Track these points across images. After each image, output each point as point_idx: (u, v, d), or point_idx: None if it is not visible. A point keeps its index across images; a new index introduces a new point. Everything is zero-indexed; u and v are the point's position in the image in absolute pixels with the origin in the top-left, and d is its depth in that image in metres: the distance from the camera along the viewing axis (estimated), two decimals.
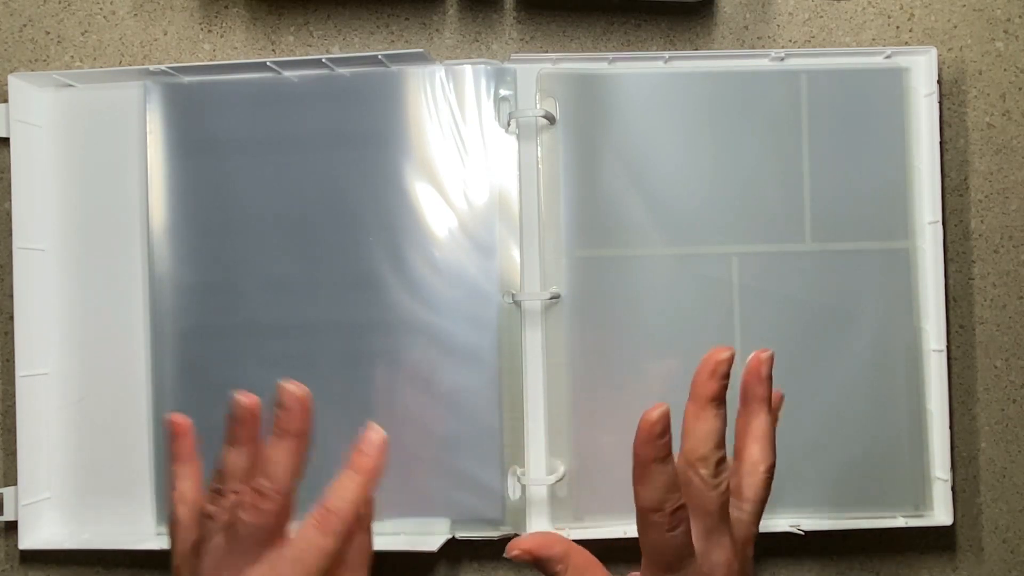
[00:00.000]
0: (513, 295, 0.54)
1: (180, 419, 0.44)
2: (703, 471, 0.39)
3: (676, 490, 0.38)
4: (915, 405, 0.55)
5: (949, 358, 0.57)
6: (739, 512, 0.41)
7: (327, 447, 0.54)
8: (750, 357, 0.42)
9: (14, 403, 0.55)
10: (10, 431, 0.57)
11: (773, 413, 0.43)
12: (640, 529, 0.39)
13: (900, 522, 0.54)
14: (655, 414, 0.38)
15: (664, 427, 0.38)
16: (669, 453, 0.38)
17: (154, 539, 0.55)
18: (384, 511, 0.55)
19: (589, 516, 0.55)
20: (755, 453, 0.41)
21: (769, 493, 0.42)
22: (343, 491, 0.41)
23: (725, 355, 0.40)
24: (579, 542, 0.42)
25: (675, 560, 0.38)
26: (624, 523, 0.54)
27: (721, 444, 0.40)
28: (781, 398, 0.46)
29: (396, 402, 0.54)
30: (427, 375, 0.54)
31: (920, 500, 0.55)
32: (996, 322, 0.58)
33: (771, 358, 0.42)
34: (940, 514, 0.55)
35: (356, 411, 0.54)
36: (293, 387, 0.40)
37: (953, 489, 0.55)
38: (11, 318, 0.55)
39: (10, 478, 0.57)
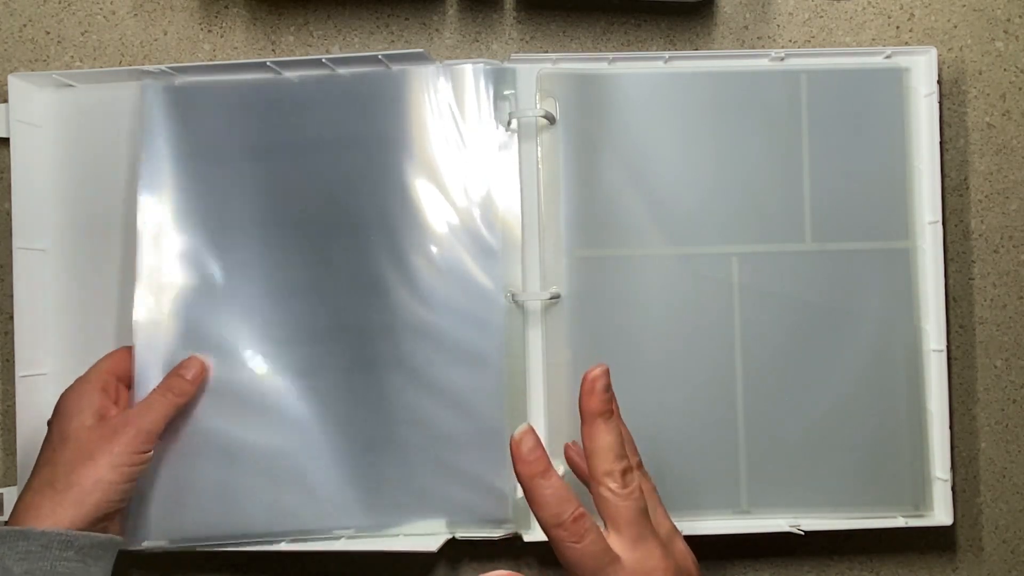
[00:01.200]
0: (514, 295, 0.54)
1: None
2: (612, 484, 0.41)
3: (570, 501, 0.40)
4: (915, 405, 0.55)
5: (949, 358, 0.57)
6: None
7: (330, 447, 0.55)
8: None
9: (14, 403, 0.55)
10: (10, 431, 0.57)
11: (616, 418, 0.42)
12: (554, 549, 0.41)
13: (900, 522, 0.54)
14: (517, 435, 0.40)
15: (532, 443, 0.40)
16: (548, 467, 0.40)
17: None
18: (384, 511, 0.55)
19: None
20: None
21: (651, 484, 0.45)
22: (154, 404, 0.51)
23: (598, 371, 0.41)
24: None
25: (596, 569, 0.40)
26: None
27: (622, 455, 0.41)
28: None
29: (400, 403, 0.54)
30: (431, 376, 0.54)
31: (920, 500, 0.55)
32: (996, 322, 0.58)
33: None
34: (940, 514, 0.55)
35: (361, 412, 0.54)
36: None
37: (953, 489, 0.55)
38: (11, 318, 0.55)
39: (10, 478, 0.57)
